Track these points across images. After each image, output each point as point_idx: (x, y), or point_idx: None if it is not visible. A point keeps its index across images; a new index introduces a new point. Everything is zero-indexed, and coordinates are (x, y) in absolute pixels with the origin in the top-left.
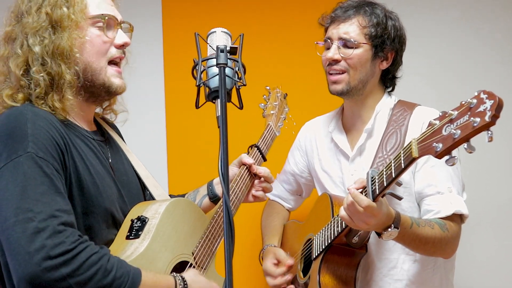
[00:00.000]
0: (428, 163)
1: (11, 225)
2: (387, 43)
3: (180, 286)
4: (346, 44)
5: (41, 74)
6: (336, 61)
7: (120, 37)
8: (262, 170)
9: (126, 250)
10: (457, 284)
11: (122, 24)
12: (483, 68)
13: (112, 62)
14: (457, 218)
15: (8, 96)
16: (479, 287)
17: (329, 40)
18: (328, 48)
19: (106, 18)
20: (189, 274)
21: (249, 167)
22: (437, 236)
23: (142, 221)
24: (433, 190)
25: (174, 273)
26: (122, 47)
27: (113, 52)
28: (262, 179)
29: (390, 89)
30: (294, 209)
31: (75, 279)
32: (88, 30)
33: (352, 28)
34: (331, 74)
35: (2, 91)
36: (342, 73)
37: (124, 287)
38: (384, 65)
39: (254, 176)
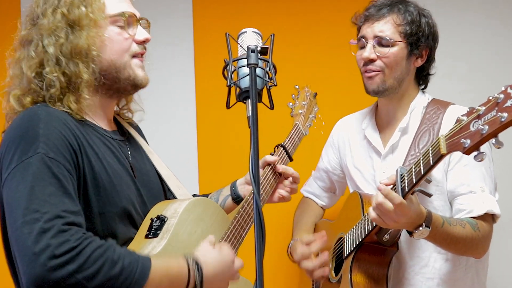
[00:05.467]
0: (461, 162)
1: (20, 226)
2: (422, 41)
3: (193, 271)
4: (381, 42)
5: (55, 75)
6: (372, 61)
7: (141, 33)
8: (290, 169)
9: (144, 249)
10: (489, 283)
11: (140, 21)
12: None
13: (134, 56)
14: (489, 218)
15: (16, 97)
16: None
17: (363, 39)
18: (363, 47)
19: (127, 15)
20: (202, 253)
21: (273, 167)
22: (469, 235)
23: (161, 220)
24: (465, 189)
25: (187, 256)
26: (143, 43)
27: (135, 48)
28: (290, 178)
29: (423, 86)
30: (328, 206)
31: (83, 274)
32: (108, 29)
33: (387, 27)
34: (366, 73)
35: (11, 91)
36: (377, 72)
37: (134, 275)
38: (419, 62)
39: (279, 176)
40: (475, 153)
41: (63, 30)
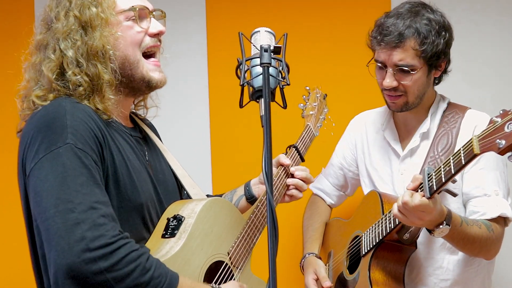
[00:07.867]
0: (477, 165)
1: (51, 215)
2: (441, 57)
3: None
4: (403, 69)
5: (79, 76)
6: (394, 87)
7: (154, 25)
8: (299, 172)
9: (162, 249)
10: (498, 284)
11: (154, 12)
12: None
13: (147, 54)
14: (502, 221)
15: (38, 96)
16: None
17: (382, 65)
18: (381, 69)
19: (137, 9)
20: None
21: (286, 168)
22: (484, 236)
23: (178, 220)
24: (480, 192)
25: (213, 285)
26: (157, 35)
27: (148, 41)
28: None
29: (437, 81)
30: (336, 206)
31: (113, 274)
32: (120, 25)
33: (406, 54)
34: (388, 96)
35: (32, 92)
36: (400, 95)
37: (162, 287)
38: (438, 73)
39: (291, 176)
40: (509, 153)
41: (78, 32)
